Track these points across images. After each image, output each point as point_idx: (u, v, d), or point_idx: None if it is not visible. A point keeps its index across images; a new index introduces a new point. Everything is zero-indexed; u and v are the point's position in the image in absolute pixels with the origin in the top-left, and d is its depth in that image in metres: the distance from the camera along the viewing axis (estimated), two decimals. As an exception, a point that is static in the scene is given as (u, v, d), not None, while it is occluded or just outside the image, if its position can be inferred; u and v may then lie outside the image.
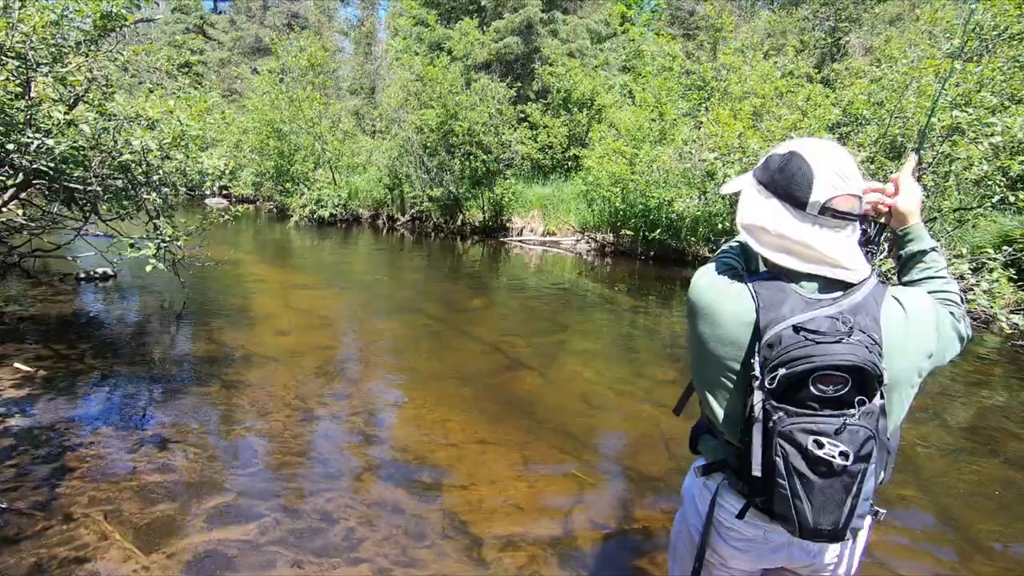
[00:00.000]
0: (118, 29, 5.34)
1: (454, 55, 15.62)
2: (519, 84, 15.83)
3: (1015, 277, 6.27)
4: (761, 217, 1.18)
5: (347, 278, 8.81)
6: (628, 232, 11.14)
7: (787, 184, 1.14)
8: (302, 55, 15.80)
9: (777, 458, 1.06)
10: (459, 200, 13.78)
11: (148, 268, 5.31)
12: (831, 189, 1.11)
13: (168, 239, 5.79)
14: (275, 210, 17.01)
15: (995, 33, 7.23)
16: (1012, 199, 6.32)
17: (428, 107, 13.38)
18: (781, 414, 1.05)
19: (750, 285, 1.15)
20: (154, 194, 5.55)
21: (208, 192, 6.62)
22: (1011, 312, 5.93)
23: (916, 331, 1.13)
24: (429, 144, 13.63)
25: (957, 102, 6.28)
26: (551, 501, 2.95)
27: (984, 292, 5.91)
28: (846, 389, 1.04)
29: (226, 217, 6.79)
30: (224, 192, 18.38)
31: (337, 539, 2.50)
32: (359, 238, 13.35)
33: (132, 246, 5.49)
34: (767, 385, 1.06)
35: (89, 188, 5.16)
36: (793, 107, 8.17)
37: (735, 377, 1.16)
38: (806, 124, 7.18)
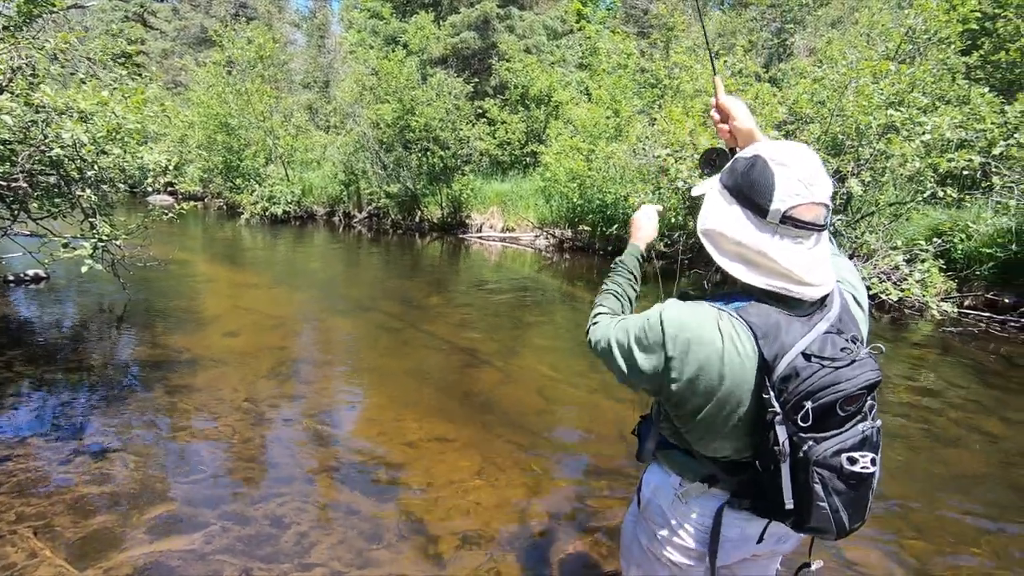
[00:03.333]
0: (46, 15, 5.03)
1: (410, 49, 15.40)
2: (476, 79, 15.75)
3: (944, 268, 6.65)
4: (722, 223, 1.13)
5: (301, 276, 8.59)
6: (586, 228, 11.26)
7: (749, 190, 1.09)
8: (250, 47, 15.24)
9: (816, 485, 1.06)
10: (417, 196, 13.62)
11: (84, 269, 5.02)
12: (793, 197, 1.05)
13: (106, 238, 5.50)
14: (224, 207, 16.41)
15: (926, 37, 7.64)
16: (941, 194, 6.69)
17: (384, 102, 13.15)
18: (811, 443, 1.04)
19: (737, 314, 1.10)
20: (89, 191, 5.25)
21: (151, 189, 6.33)
22: (941, 300, 6.29)
23: (866, 319, 1.23)
24: (385, 140, 13.41)
25: (892, 101, 6.60)
26: (510, 498, 2.95)
27: (917, 282, 6.25)
28: (866, 402, 1.08)
29: (170, 215, 6.50)
30: (169, 189, 17.62)
31: (288, 544, 2.44)
32: (314, 236, 13.03)
33: (66, 246, 5.18)
34: (799, 421, 1.04)
35: (15, 184, 4.84)
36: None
37: (742, 415, 1.12)
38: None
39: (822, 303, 1.12)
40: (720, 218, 1.14)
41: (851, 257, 7.32)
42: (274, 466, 3.07)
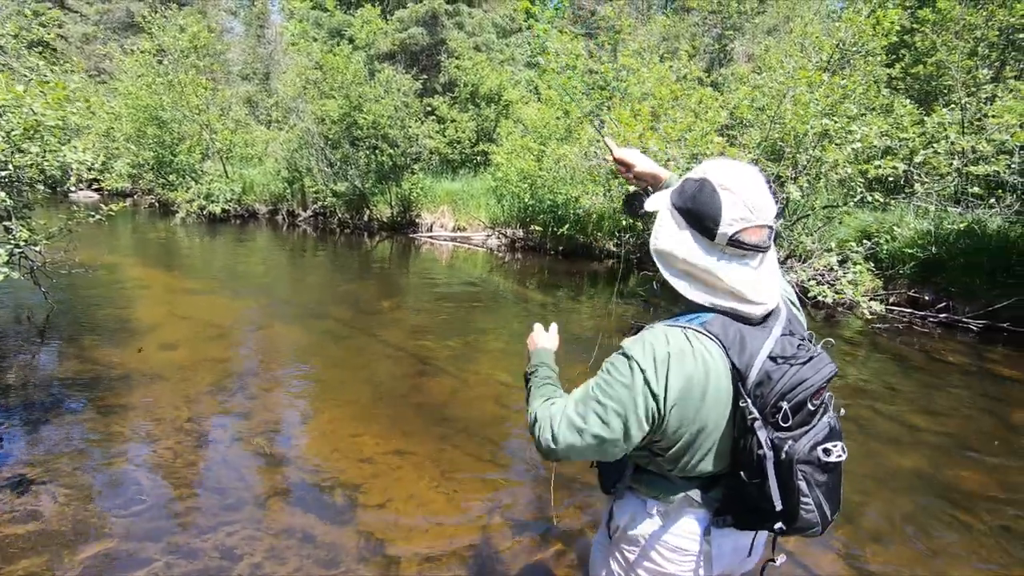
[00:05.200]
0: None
1: (356, 43, 14.98)
2: (425, 76, 15.52)
3: (871, 268, 7.09)
4: (671, 244, 1.19)
5: (243, 281, 8.21)
6: (537, 228, 11.32)
7: (697, 213, 1.14)
8: (182, 35, 14.41)
9: (800, 482, 1.12)
10: (365, 195, 13.29)
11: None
12: (739, 222, 1.11)
13: (23, 244, 5.06)
14: (157, 205, 15.49)
15: (854, 49, 8.09)
16: (870, 198, 7.13)
17: (329, 97, 12.74)
18: (790, 442, 1.11)
19: (702, 329, 1.14)
20: (2, 193, 4.82)
21: (72, 187, 5.87)
22: (870, 299, 6.71)
23: (803, 318, 1.33)
24: (331, 136, 13.00)
25: (826, 111, 6.97)
26: (470, 510, 2.92)
27: (849, 282, 6.63)
28: (826, 394, 1.16)
29: (97, 217, 6.05)
30: (94, 185, 16.45)
31: (240, 578, 2.32)
32: (256, 235, 12.50)
33: (-23, 253, 4.74)
34: (780, 423, 1.10)
35: (-85, 187, 4.38)
36: (687, 110, 8.68)
37: (723, 430, 1.16)
38: (699, 126, 7.66)
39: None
40: (670, 239, 1.19)
41: (787, 258, 7.71)
42: (221, 492, 2.92)
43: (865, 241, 7.24)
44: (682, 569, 1.29)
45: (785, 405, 1.08)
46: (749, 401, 1.10)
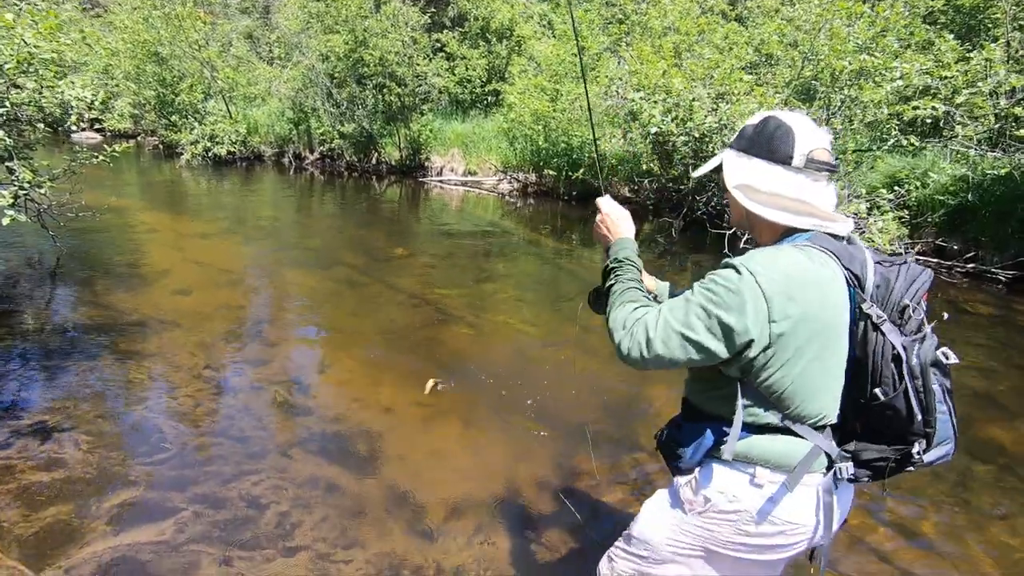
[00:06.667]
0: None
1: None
2: (433, 10, 14.72)
3: (903, 217, 6.83)
4: (749, 177, 1.23)
5: (253, 225, 8.07)
6: (551, 172, 10.98)
7: (769, 143, 1.19)
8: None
9: (935, 386, 1.12)
10: (373, 137, 12.90)
11: (5, 221, 4.49)
12: (811, 142, 1.17)
13: (28, 185, 4.92)
14: (161, 147, 15.15)
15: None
16: (904, 142, 6.77)
17: (333, 32, 12.14)
18: (917, 345, 1.11)
19: (808, 243, 1.16)
20: (1, 132, 4.63)
21: (74, 128, 5.67)
22: (893, 251, 6.48)
23: None
24: (337, 74, 12.47)
25: (864, 46, 6.51)
26: (494, 462, 2.89)
27: (879, 231, 6.40)
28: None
29: (101, 158, 5.86)
30: (96, 126, 16.07)
31: (268, 527, 2.31)
32: (263, 178, 12.25)
33: (-19, 196, 4.61)
34: (904, 323, 1.12)
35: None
36: (712, 46, 8.18)
37: (843, 344, 1.16)
38: (727, 64, 7.21)
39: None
40: (747, 173, 1.23)
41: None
42: (244, 441, 2.89)
43: (896, 188, 6.93)
44: (791, 540, 1.22)
45: (910, 303, 1.11)
46: (873, 305, 1.13)
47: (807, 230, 1.18)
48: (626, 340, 1.17)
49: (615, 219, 1.44)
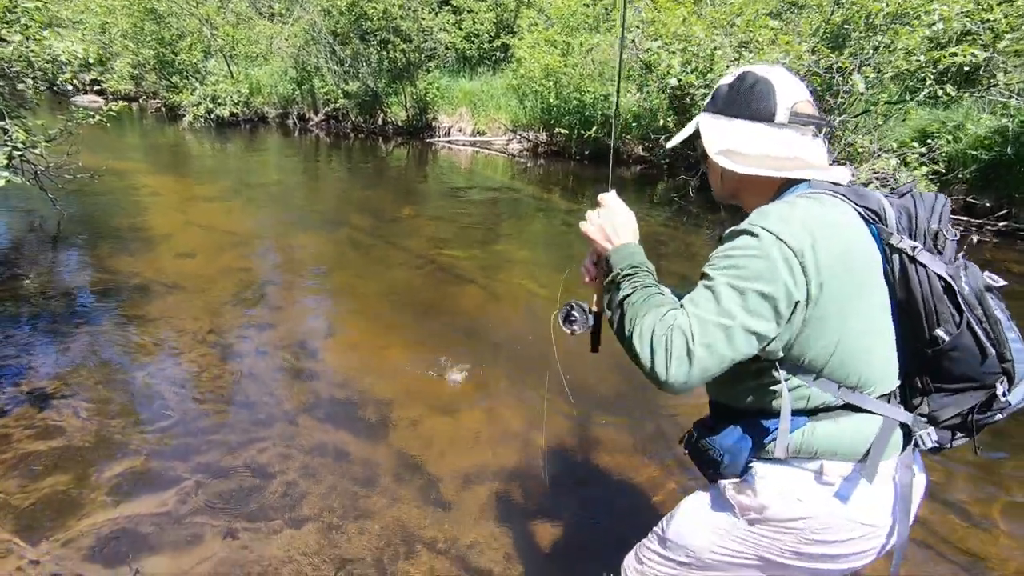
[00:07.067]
0: None
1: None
2: (438, -41, 14.02)
3: (934, 174, 6.49)
4: (733, 140, 1.10)
5: (258, 187, 7.87)
6: (562, 131, 10.59)
7: (748, 100, 1.09)
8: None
9: (998, 312, 0.99)
10: (378, 96, 12.51)
11: (0, 183, 4.34)
12: (793, 94, 1.08)
13: (22, 145, 4.75)
14: (164, 109, 14.84)
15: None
16: (940, 92, 6.37)
17: (334, -16, 11.62)
18: (963, 272, 0.99)
19: (817, 190, 1.03)
20: (-10, 88, 4.44)
21: (71, 87, 5.46)
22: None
23: None
24: (340, 30, 12.01)
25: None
26: (509, 428, 2.77)
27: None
28: None
29: (97, 117, 5.65)
30: (97, 88, 15.74)
31: (275, 497, 2.21)
32: (267, 141, 11.97)
33: (-27, 157, 4.45)
34: (941, 249, 0.99)
35: None
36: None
37: (884, 292, 1.02)
38: (751, 10, 6.77)
39: None
40: (730, 136, 1.11)
41: (843, 161, 7.08)
42: (250, 407, 2.78)
43: (930, 141, 6.57)
44: (869, 546, 1.06)
45: (938, 227, 1.00)
46: (904, 236, 1.00)
47: (803, 180, 1.06)
48: (660, 356, 0.91)
49: (622, 221, 1.17)
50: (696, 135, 1.16)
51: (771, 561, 1.12)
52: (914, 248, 0.98)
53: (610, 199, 1.20)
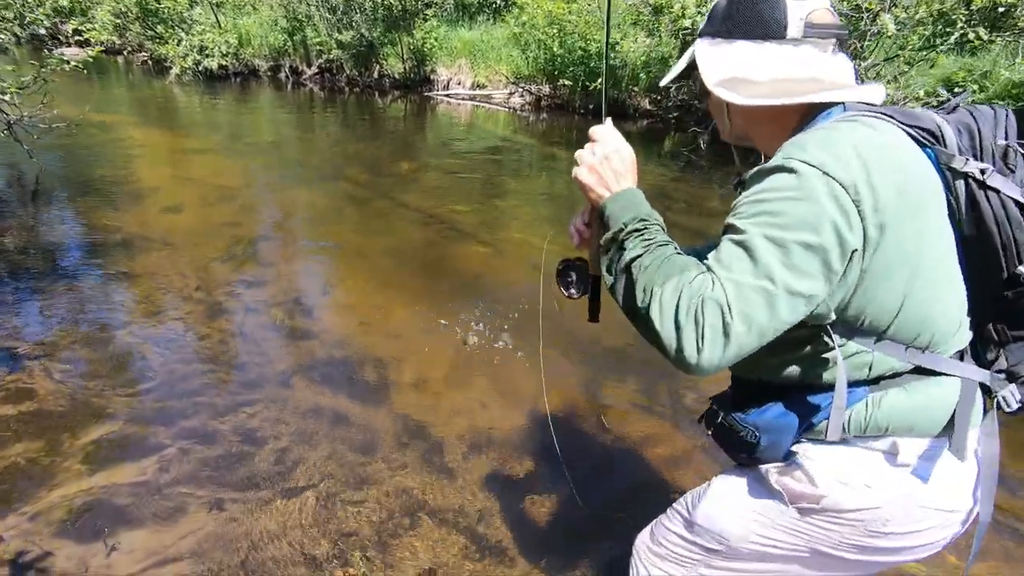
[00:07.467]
0: None
1: None
2: None
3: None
4: (737, 68, 0.89)
5: (249, 141, 7.53)
6: (566, 82, 10.13)
7: (751, 16, 0.88)
8: None
9: None
10: (374, 46, 11.94)
11: (-31, 133, 4.05)
12: (807, 1, 0.86)
13: (-9, 93, 4.43)
14: (150, 63, 14.22)
15: None
16: (972, 35, 5.98)
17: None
18: None
19: (855, 113, 0.83)
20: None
21: (43, 32, 5.08)
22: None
23: None
24: (330, -26, 11.37)
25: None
26: (517, 392, 2.59)
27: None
28: None
29: (73, 63, 5.29)
30: (80, 40, 15.07)
31: (266, 465, 2.03)
32: (259, 95, 11.48)
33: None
34: (1011, 167, 0.81)
35: None
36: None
37: (947, 221, 0.83)
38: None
39: None
40: (734, 62, 0.90)
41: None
42: (240, 368, 2.59)
43: (957, 89, 6.21)
44: (945, 535, 0.90)
45: (1009, 143, 0.82)
46: (961, 160, 0.80)
47: (834, 105, 0.86)
48: (690, 334, 0.72)
49: (622, 160, 0.94)
50: (693, 66, 0.95)
51: (822, 553, 0.94)
52: (983, 171, 0.80)
53: (605, 132, 0.96)
